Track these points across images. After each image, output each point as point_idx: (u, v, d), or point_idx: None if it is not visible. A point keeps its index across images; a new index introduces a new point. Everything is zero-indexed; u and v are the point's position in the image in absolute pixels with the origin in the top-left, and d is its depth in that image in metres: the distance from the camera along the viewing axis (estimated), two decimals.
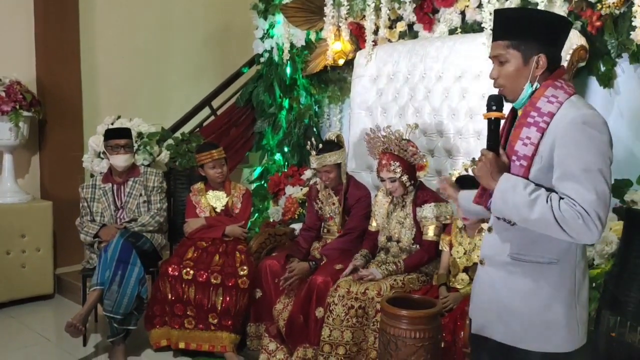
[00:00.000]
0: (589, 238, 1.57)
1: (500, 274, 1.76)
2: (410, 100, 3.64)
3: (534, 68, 1.67)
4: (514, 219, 1.65)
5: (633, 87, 3.10)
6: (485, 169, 1.69)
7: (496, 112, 1.74)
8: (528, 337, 1.70)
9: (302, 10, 4.22)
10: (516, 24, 1.68)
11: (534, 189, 1.61)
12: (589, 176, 1.54)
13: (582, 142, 1.55)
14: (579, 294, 1.73)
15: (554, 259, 1.68)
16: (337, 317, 2.87)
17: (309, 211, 3.64)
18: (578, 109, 1.60)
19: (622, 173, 3.06)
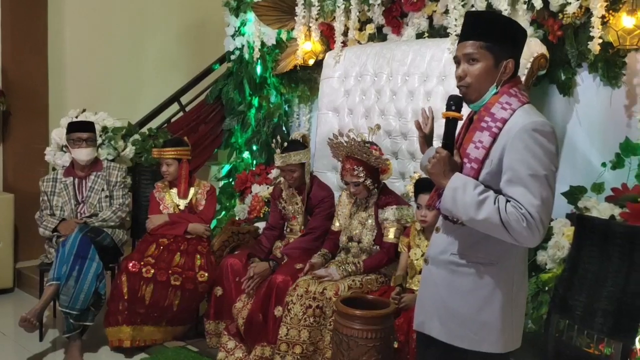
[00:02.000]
0: (531, 241, 1.61)
1: (442, 273, 1.80)
2: (377, 102, 3.67)
3: (501, 72, 1.71)
4: (462, 217, 1.68)
5: (591, 96, 3.17)
6: (438, 167, 1.72)
7: (455, 112, 1.77)
8: (464, 335, 1.74)
9: (274, 9, 4.22)
10: (491, 26, 1.72)
11: (483, 190, 1.64)
12: (536, 181, 1.58)
13: (531, 148, 1.60)
14: (516, 297, 1.77)
15: (493, 261, 1.72)
16: (294, 316, 2.88)
17: (273, 210, 3.65)
18: (530, 116, 1.65)
19: (578, 180, 3.12)
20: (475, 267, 1.73)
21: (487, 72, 1.70)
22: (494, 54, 1.69)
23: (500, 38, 1.70)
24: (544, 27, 3.15)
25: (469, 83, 1.73)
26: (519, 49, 1.75)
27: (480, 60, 1.70)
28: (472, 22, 1.75)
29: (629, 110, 3.05)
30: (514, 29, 1.74)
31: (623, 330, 2.34)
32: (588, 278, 2.52)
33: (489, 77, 1.71)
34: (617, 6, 2.86)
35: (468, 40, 1.72)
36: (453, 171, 1.71)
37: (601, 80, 3.10)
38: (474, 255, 1.74)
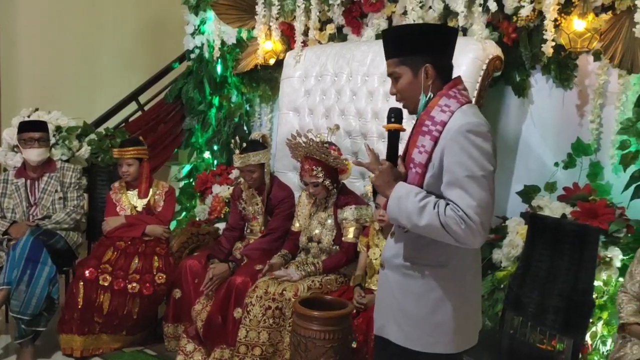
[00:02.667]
0: (472, 242, 1.62)
1: (396, 276, 1.80)
2: (337, 102, 3.67)
3: (423, 79, 1.72)
4: (406, 225, 1.69)
5: (544, 97, 3.24)
6: (382, 178, 1.74)
7: (395, 124, 1.80)
8: (419, 338, 1.75)
9: (234, 8, 4.18)
10: (400, 41, 1.77)
11: (425, 196, 1.66)
12: (473, 183, 1.59)
13: (466, 149, 1.60)
14: (469, 297, 1.79)
15: (444, 263, 1.73)
16: (254, 317, 2.86)
17: (233, 211, 3.62)
18: (465, 117, 1.65)
19: (532, 179, 3.20)
20: (426, 269, 1.75)
21: (410, 85, 1.74)
22: (409, 66, 1.73)
23: (409, 49, 1.73)
24: (499, 29, 3.21)
25: (402, 98, 1.79)
26: (437, 50, 1.75)
27: (401, 76, 1.75)
28: (386, 41, 1.81)
29: (581, 111, 3.13)
30: (420, 34, 1.76)
31: (573, 326, 2.40)
32: (540, 276, 2.58)
33: (415, 88, 1.74)
34: (569, 9, 2.94)
35: (387, 60, 1.79)
36: (397, 180, 1.73)
37: (554, 82, 3.17)
38: (424, 258, 1.75)
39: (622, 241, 2.70)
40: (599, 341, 2.64)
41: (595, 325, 2.67)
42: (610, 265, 2.67)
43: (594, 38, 2.85)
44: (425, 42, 1.73)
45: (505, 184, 3.41)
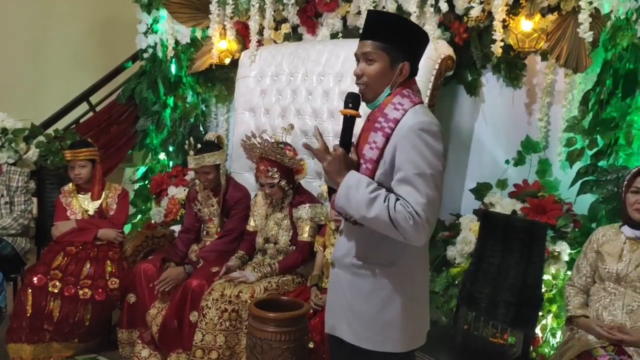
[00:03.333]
0: (417, 239, 1.64)
1: (346, 275, 1.80)
2: (293, 101, 3.66)
3: (397, 74, 1.72)
4: (354, 215, 1.68)
5: (495, 96, 3.31)
6: (334, 165, 1.71)
7: (352, 109, 1.77)
8: (368, 337, 1.75)
9: (187, 7, 4.11)
10: (390, 28, 1.72)
11: (375, 188, 1.65)
12: (422, 180, 1.61)
13: (418, 147, 1.62)
14: (418, 296, 1.80)
15: (393, 262, 1.74)
16: (210, 320, 2.83)
17: (188, 213, 3.56)
18: (417, 116, 1.66)
19: (485, 177, 3.26)
20: (375, 268, 1.75)
21: (383, 73, 1.71)
22: (390, 55, 1.70)
23: (398, 40, 1.71)
24: (450, 29, 3.26)
25: (366, 82, 1.74)
26: (417, 52, 1.77)
27: (376, 61, 1.71)
28: (372, 22, 1.74)
29: (530, 109, 3.21)
30: (412, 32, 1.74)
31: (523, 320, 2.45)
32: (492, 271, 2.63)
33: (385, 78, 1.72)
34: (517, 10, 3.01)
35: (367, 40, 1.73)
36: (348, 169, 1.71)
37: (504, 81, 3.25)
38: (373, 257, 1.75)
39: (569, 236, 2.78)
40: (549, 333, 2.71)
41: (546, 318, 2.75)
42: (558, 259, 2.75)
43: (541, 38, 2.92)
44: (413, 40, 1.74)
45: (460, 181, 3.47)
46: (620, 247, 2.29)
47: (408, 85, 1.75)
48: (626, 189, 2.29)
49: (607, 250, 2.32)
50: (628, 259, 2.25)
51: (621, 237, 2.32)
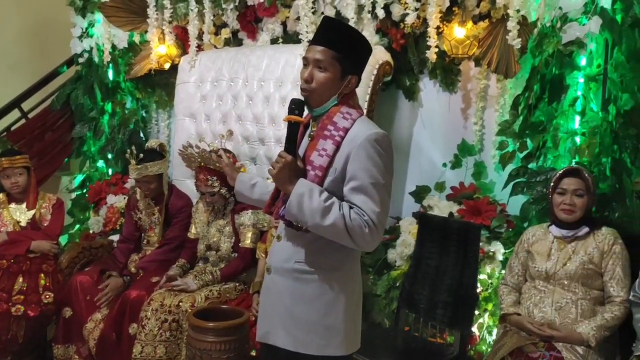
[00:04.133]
0: (371, 245, 1.70)
1: (286, 281, 1.79)
2: (233, 107, 3.63)
3: (345, 85, 1.74)
4: (307, 223, 1.68)
5: (432, 100, 3.39)
6: (283, 172, 1.70)
7: (297, 116, 1.76)
8: (310, 341, 1.75)
9: (123, 10, 4.01)
10: (345, 39, 1.73)
11: (328, 197, 1.67)
12: (377, 190, 1.65)
13: (373, 158, 1.66)
14: (358, 300, 1.83)
15: (337, 267, 1.76)
16: (149, 332, 2.77)
17: (127, 222, 3.48)
18: (370, 128, 1.71)
19: (424, 180, 3.33)
20: (319, 273, 1.75)
21: (332, 83, 1.73)
22: (342, 66, 1.72)
23: (350, 53, 1.73)
24: (388, 35, 3.31)
25: (313, 88, 1.73)
26: (364, 66, 1.80)
27: (328, 70, 1.71)
28: (328, 29, 1.75)
29: (465, 113, 3.31)
30: (364, 46, 1.77)
31: (460, 319, 2.52)
32: (430, 273, 2.69)
33: (333, 88, 1.73)
34: (450, 18, 3.09)
35: (320, 46, 1.72)
36: (298, 177, 1.71)
37: (440, 86, 3.33)
38: (318, 262, 1.76)
39: (503, 236, 2.88)
40: (486, 331, 2.79)
41: (482, 317, 2.82)
42: (493, 259, 2.83)
43: (473, 45, 3.01)
44: (363, 53, 1.77)
45: (400, 184, 3.53)
46: (549, 246, 2.39)
47: (351, 97, 1.79)
48: (553, 190, 2.38)
49: (536, 249, 2.41)
50: (556, 257, 2.35)
51: (549, 237, 2.41)
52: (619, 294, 2.23)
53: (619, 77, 2.54)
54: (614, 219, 2.52)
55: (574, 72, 2.60)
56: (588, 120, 2.57)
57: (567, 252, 2.33)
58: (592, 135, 2.55)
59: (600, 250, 2.29)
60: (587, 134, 2.57)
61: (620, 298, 2.23)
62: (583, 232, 2.33)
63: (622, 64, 2.52)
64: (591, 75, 2.58)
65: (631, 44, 2.49)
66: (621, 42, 2.49)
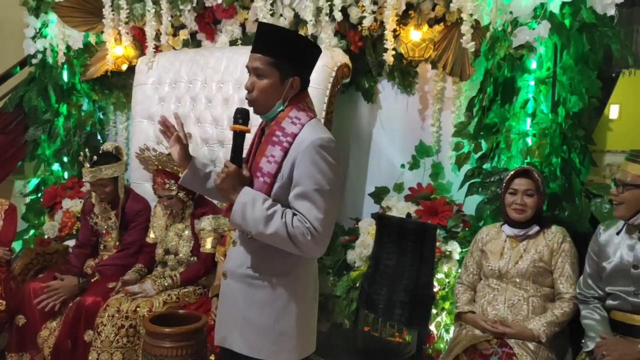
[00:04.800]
0: (315, 253, 1.69)
1: (240, 286, 1.79)
2: (192, 109, 3.60)
3: (287, 89, 1.72)
4: (251, 232, 1.68)
5: (391, 102, 3.43)
6: (227, 182, 1.70)
7: (242, 125, 1.76)
8: (263, 347, 1.76)
9: (78, 11, 3.92)
10: (280, 43, 1.70)
11: (272, 205, 1.66)
12: (321, 196, 1.64)
13: (317, 164, 1.64)
14: (311, 305, 1.84)
15: (288, 272, 1.76)
16: (106, 338, 2.72)
17: (83, 226, 3.41)
18: (317, 133, 1.68)
19: (383, 181, 3.37)
20: (270, 279, 1.75)
21: (273, 88, 1.71)
22: (280, 70, 1.70)
23: (287, 56, 1.70)
24: (346, 38, 3.33)
25: (255, 97, 1.73)
26: (307, 66, 1.78)
27: (267, 77, 1.70)
28: (263, 36, 1.73)
29: (423, 115, 3.35)
30: (302, 47, 1.75)
31: (417, 318, 2.55)
32: (388, 273, 2.72)
33: (275, 93, 1.72)
34: (406, 21, 3.13)
35: (257, 53, 1.71)
36: (242, 185, 1.70)
37: (398, 88, 3.37)
38: (269, 268, 1.76)
39: (459, 235, 2.93)
40: (443, 330, 2.83)
41: (440, 315, 2.87)
42: (450, 258, 2.89)
43: (429, 47, 3.06)
44: (302, 54, 1.73)
45: (360, 185, 3.56)
46: (502, 245, 2.44)
47: (302, 99, 1.77)
48: (504, 190, 2.44)
49: (490, 248, 2.46)
50: (508, 256, 2.40)
51: (502, 236, 2.47)
52: (568, 290, 2.30)
53: (567, 80, 2.62)
54: (564, 217, 2.59)
55: (525, 75, 2.67)
56: (538, 122, 2.64)
57: (519, 250, 2.39)
58: (543, 136, 2.61)
59: (550, 248, 2.35)
60: (537, 135, 2.64)
61: (569, 294, 2.29)
62: (534, 231, 2.40)
63: (570, 67, 2.60)
64: (541, 78, 2.64)
65: (579, 47, 2.57)
66: (569, 45, 2.57)
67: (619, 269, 2.14)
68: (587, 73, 2.61)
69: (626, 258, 2.13)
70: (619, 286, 2.15)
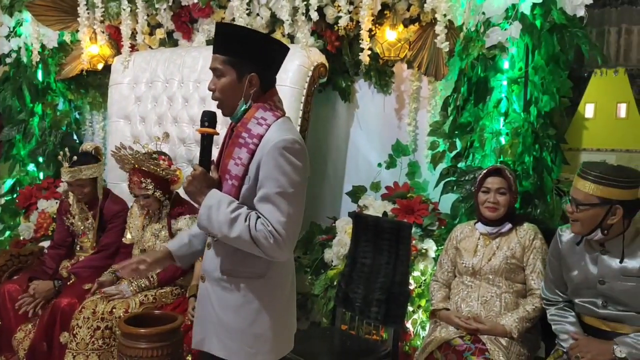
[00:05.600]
0: (279, 255, 1.69)
1: (215, 289, 1.80)
2: (169, 109, 3.58)
3: (246, 86, 1.71)
4: (217, 235, 1.69)
5: (368, 102, 3.45)
6: (195, 185, 1.71)
7: (209, 128, 1.76)
8: (239, 350, 1.76)
9: (53, 9, 3.88)
10: (234, 41, 1.71)
11: (236, 207, 1.66)
12: (283, 199, 1.64)
13: (280, 166, 1.63)
14: (287, 306, 1.84)
15: (261, 274, 1.76)
16: (81, 340, 2.70)
17: (58, 227, 3.38)
18: (281, 134, 1.67)
19: (360, 180, 3.39)
20: (243, 282, 1.76)
21: (232, 87, 1.71)
22: (236, 68, 1.70)
23: (243, 53, 1.70)
24: (323, 37, 3.35)
25: (218, 98, 1.74)
26: (269, 63, 1.76)
27: (224, 75, 1.71)
28: (219, 36, 1.74)
29: (399, 114, 3.38)
30: (260, 43, 1.73)
31: (393, 316, 2.58)
32: (365, 271, 2.74)
33: (235, 92, 1.71)
34: (382, 21, 3.15)
35: (216, 54, 1.73)
36: (210, 188, 1.71)
37: (375, 87, 3.40)
38: (241, 271, 1.76)
39: (435, 233, 2.96)
40: (420, 327, 2.86)
41: (417, 313, 2.90)
42: (426, 256, 2.92)
43: (404, 47, 3.09)
44: (257, 50, 1.72)
45: (338, 185, 3.58)
46: (475, 243, 2.48)
47: (269, 97, 1.76)
48: (477, 188, 2.48)
49: (464, 246, 2.50)
50: (482, 253, 2.44)
51: (476, 234, 2.50)
52: (539, 286, 2.34)
53: (539, 80, 2.66)
54: (536, 215, 2.64)
55: (498, 74, 2.71)
56: (511, 121, 2.68)
57: (492, 248, 2.43)
58: (515, 135, 2.65)
59: (522, 245, 2.39)
60: (510, 134, 2.67)
61: (540, 290, 2.33)
62: (506, 228, 2.43)
63: (541, 67, 2.64)
64: (513, 78, 2.68)
65: (550, 48, 2.61)
66: (540, 46, 2.61)
67: (585, 283, 2.12)
68: (558, 73, 2.66)
69: (591, 271, 2.10)
70: (588, 297, 2.13)
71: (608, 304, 2.07)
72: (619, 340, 1.99)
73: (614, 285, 2.04)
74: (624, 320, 2.04)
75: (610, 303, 2.06)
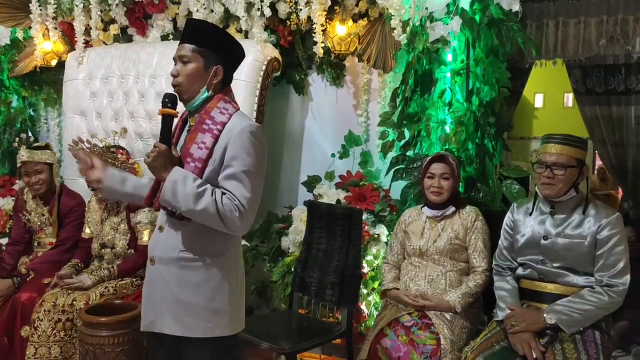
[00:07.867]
0: (241, 229, 1.82)
1: (171, 270, 1.88)
2: (125, 104, 3.62)
3: (211, 76, 1.84)
4: (181, 208, 1.78)
5: (321, 94, 3.57)
6: (159, 160, 1.80)
7: (170, 109, 1.87)
8: (198, 325, 1.85)
9: (4, 6, 3.86)
10: (205, 34, 1.86)
11: (202, 183, 1.78)
12: (248, 177, 1.78)
13: (246, 148, 1.79)
14: (240, 284, 1.95)
15: (221, 252, 1.87)
16: (43, 333, 2.73)
17: (16, 223, 3.38)
18: (246, 121, 1.85)
19: (315, 170, 3.51)
20: (205, 259, 1.86)
21: (197, 74, 1.84)
22: (204, 58, 1.84)
23: (212, 45, 1.85)
24: (276, 32, 3.44)
25: (181, 82, 1.85)
26: (231, 60, 1.92)
27: (191, 62, 1.83)
28: (191, 28, 1.88)
29: (351, 106, 3.51)
30: (226, 40, 1.90)
31: (347, 298, 2.70)
32: (319, 257, 2.86)
33: (200, 79, 1.85)
34: (332, 16, 3.26)
35: (184, 43, 1.85)
36: (173, 164, 1.81)
37: (328, 80, 3.52)
38: (203, 249, 1.86)
39: (387, 219, 3.10)
40: (373, 308, 3.01)
41: (371, 295, 3.04)
42: (378, 241, 3.06)
43: (354, 42, 3.21)
44: (227, 46, 1.88)
45: (295, 175, 3.69)
46: (422, 226, 2.62)
47: (227, 92, 1.92)
48: (423, 174, 2.62)
49: (412, 229, 2.64)
50: (428, 235, 2.59)
51: (422, 217, 2.65)
52: (480, 264, 2.50)
53: (480, 71, 2.82)
54: (479, 198, 2.81)
55: (442, 67, 2.86)
56: (455, 111, 2.83)
57: (437, 230, 2.58)
58: (459, 124, 2.81)
59: (465, 226, 2.55)
60: (454, 123, 2.83)
61: (482, 268, 2.50)
62: (450, 211, 2.59)
63: (482, 59, 2.81)
64: (456, 70, 2.84)
65: (488, 41, 2.78)
66: (480, 39, 2.77)
67: (530, 241, 2.33)
68: (497, 64, 2.82)
69: (537, 230, 2.31)
70: (529, 256, 2.33)
71: (545, 261, 2.29)
72: (549, 309, 2.17)
73: (555, 240, 2.26)
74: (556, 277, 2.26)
75: (547, 259, 2.28)
